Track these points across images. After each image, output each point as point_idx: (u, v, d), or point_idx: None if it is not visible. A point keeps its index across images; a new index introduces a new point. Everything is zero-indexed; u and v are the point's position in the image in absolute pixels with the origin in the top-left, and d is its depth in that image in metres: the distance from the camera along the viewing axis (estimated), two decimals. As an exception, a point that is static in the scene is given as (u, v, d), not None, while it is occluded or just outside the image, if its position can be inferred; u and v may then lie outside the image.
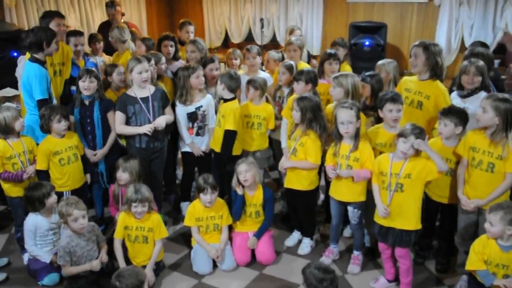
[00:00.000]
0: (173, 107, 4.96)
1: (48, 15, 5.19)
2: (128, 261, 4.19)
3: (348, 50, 6.02)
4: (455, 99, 4.40)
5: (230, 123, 4.69)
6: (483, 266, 3.40)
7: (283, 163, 4.52)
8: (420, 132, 3.69)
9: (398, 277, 4.07)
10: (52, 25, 4.98)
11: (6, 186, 4.38)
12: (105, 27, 6.97)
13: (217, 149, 4.88)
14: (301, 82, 4.68)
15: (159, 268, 4.33)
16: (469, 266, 3.48)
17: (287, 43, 5.83)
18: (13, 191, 4.38)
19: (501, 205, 3.34)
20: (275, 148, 5.31)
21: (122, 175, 4.46)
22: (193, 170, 5.28)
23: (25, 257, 4.45)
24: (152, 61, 4.90)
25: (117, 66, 5.17)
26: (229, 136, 4.75)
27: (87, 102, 4.65)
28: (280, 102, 5.24)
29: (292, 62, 5.30)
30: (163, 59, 5.27)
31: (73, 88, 5.27)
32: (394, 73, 5.03)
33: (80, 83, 4.58)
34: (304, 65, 5.61)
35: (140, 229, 4.17)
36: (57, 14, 5.26)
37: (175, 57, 5.79)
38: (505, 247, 3.32)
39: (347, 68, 5.69)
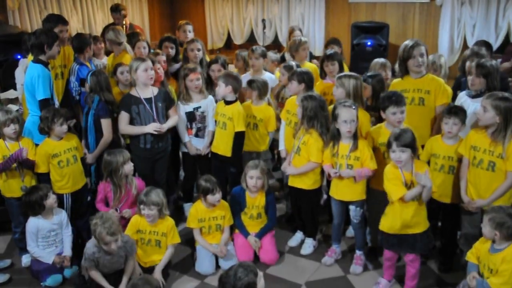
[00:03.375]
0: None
1: (52, 21, 5.12)
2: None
3: (341, 49, 6.06)
4: (463, 98, 4.40)
5: (241, 125, 4.73)
6: (475, 261, 3.47)
7: (286, 168, 4.56)
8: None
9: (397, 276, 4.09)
10: (55, 31, 4.95)
11: (1, 185, 4.38)
12: None
13: (221, 152, 4.88)
14: (294, 82, 4.69)
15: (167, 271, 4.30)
16: (467, 257, 3.55)
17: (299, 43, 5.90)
18: (8, 191, 4.38)
19: (493, 208, 3.35)
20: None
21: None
22: (195, 171, 5.28)
23: (23, 259, 4.49)
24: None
25: (120, 66, 5.10)
26: (241, 138, 4.78)
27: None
28: (284, 102, 5.25)
29: (293, 63, 5.30)
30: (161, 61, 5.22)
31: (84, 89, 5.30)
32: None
33: (86, 83, 4.72)
34: (309, 66, 5.62)
35: (154, 233, 4.16)
36: (61, 21, 5.20)
37: (175, 59, 5.79)
38: (493, 249, 3.32)
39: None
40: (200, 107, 4.96)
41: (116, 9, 7.43)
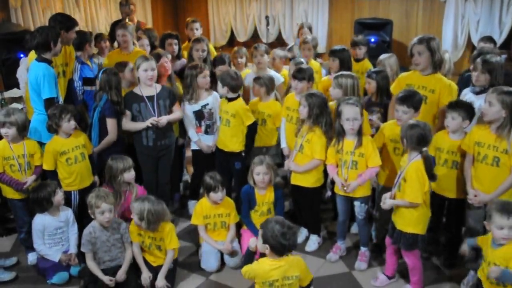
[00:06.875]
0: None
1: (72, 22, 5.05)
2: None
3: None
4: (467, 95, 4.38)
5: (249, 117, 4.78)
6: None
7: (288, 166, 4.56)
8: None
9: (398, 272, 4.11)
10: (73, 31, 4.97)
11: (4, 187, 4.39)
12: None
13: (227, 148, 4.90)
14: (304, 81, 4.68)
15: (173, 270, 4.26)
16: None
17: (302, 42, 5.94)
18: (10, 192, 4.37)
19: None
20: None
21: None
22: (203, 169, 5.26)
23: (29, 257, 4.50)
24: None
25: (127, 64, 5.07)
26: (255, 129, 4.84)
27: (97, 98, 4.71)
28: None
29: (302, 60, 5.31)
30: (165, 58, 5.18)
31: (88, 88, 5.29)
32: (396, 68, 5.08)
33: (97, 80, 4.76)
34: (315, 64, 5.62)
35: (153, 239, 4.13)
36: (77, 23, 5.15)
37: (178, 56, 5.77)
38: (495, 244, 3.20)
39: (367, 65, 5.81)
40: (207, 104, 4.96)
41: (125, 3, 7.48)
